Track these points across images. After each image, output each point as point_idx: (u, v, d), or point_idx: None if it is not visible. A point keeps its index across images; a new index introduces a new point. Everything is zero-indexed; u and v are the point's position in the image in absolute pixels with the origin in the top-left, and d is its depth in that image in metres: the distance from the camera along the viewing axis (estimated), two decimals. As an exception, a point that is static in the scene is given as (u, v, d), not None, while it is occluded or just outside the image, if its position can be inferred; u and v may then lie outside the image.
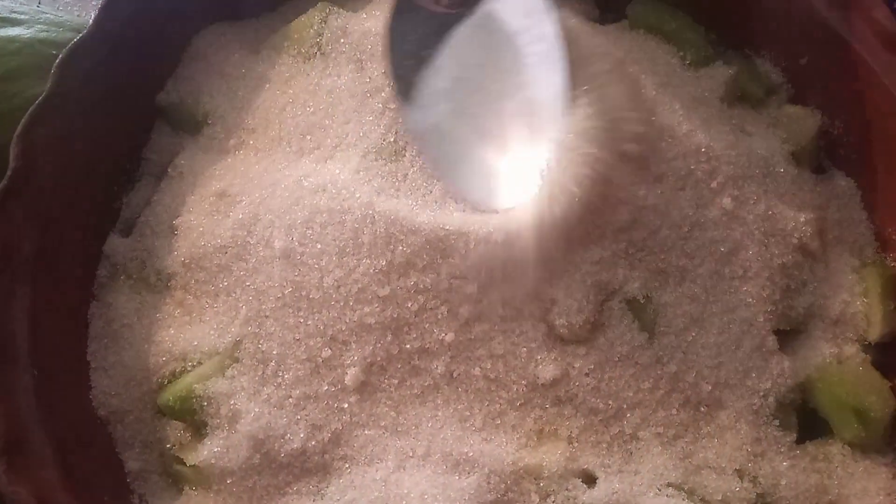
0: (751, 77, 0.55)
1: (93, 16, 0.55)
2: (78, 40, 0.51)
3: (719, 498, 0.43)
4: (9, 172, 0.46)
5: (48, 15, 0.60)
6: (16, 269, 0.45)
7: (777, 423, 0.46)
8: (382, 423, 0.45)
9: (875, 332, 0.49)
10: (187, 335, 0.49)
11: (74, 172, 0.50)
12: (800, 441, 0.47)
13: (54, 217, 0.48)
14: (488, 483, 0.42)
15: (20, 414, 0.42)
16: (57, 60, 0.50)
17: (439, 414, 0.45)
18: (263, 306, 0.47)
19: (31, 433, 0.42)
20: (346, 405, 0.45)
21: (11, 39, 0.56)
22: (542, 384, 0.44)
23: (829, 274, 0.49)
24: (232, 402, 0.45)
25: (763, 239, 0.48)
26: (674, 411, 0.45)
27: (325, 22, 0.56)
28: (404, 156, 0.48)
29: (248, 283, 0.48)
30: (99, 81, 0.52)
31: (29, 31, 0.57)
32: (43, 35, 0.57)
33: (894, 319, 0.49)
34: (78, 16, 0.66)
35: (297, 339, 0.46)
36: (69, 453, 0.43)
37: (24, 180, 0.47)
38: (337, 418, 0.45)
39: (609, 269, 0.45)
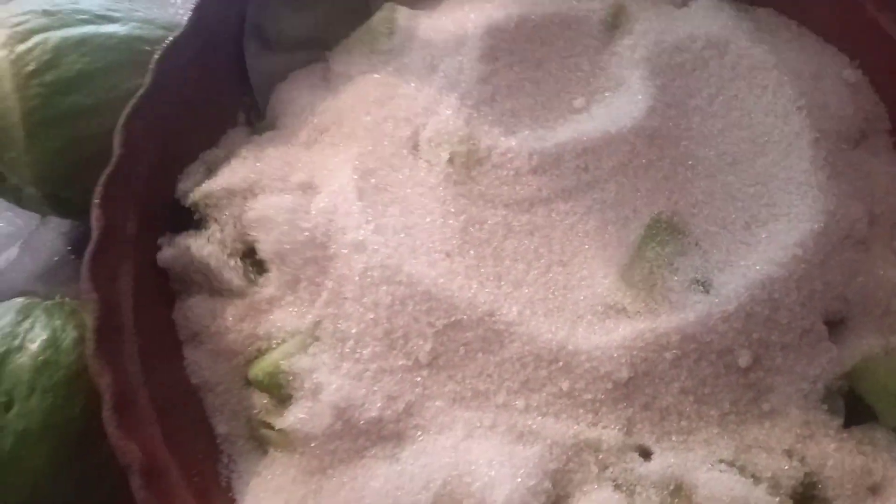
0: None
1: (177, 14, 0.60)
2: (173, 39, 0.56)
3: (769, 475, 0.45)
4: (113, 159, 0.51)
5: (139, 13, 0.64)
6: (120, 247, 0.49)
7: (825, 407, 0.47)
8: (452, 397, 0.48)
9: None
10: (270, 318, 0.52)
11: (167, 161, 0.54)
12: (846, 426, 0.48)
13: (150, 201, 0.52)
14: (551, 453, 0.45)
15: (127, 377, 0.46)
16: (155, 57, 0.55)
17: (504, 389, 0.48)
18: (343, 289, 0.50)
19: (137, 395, 0.46)
20: (418, 379, 0.48)
21: (110, 35, 0.60)
22: (605, 372, 0.47)
23: (876, 266, 0.51)
24: (314, 376, 0.48)
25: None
26: (727, 394, 0.47)
27: (395, 21, 0.60)
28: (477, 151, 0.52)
29: (330, 270, 0.51)
30: (191, 78, 0.56)
31: (124, 27, 0.61)
32: (137, 32, 0.61)
33: None
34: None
35: (374, 319, 0.49)
36: (168, 415, 0.47)
37: (126, 166, 0.51)
38: (410, 390, 0.48)
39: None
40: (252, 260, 0.53)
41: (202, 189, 0.54)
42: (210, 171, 0.55)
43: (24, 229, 0.71)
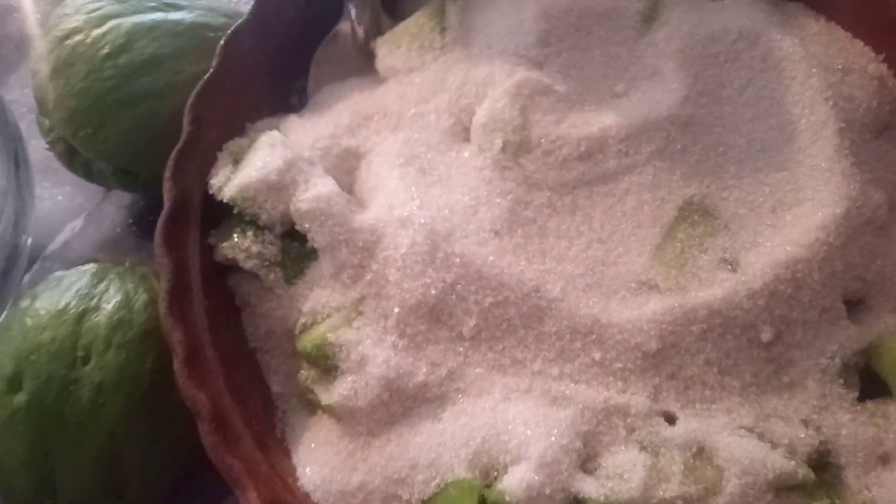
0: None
1: (238, 2, 0.63)
2: (237, 26, 0.60)
3: (786, 442, 0.48)
4: (183, 136, 0.55)
5: (203, 1, 0.67)
6: (189, 216, 0.54)
7: (841, 381, 0.50)
8: (491, 364, 0.51)
9: None
10: (315, 294, 0.54)
11: (230, 138, 0.58)
12: (861, 399, 0.51)
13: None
14: (582, 416, 0.49)
15: (196, 334, 0.50)
16: (221, 42, 0.59)
17: (540, 358, 0.52)
18: (387, 270, 0.52)
19: (205, 350, 0.50)
20: (460, 349, 0.52)
21: (177, 22, 0.64)
22: (635, 343, 0.50)
23: (895, 250, 0.53)
24: (360, 348, 0.51)
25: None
26: (749, 366, 0.51)
27: (444, 16, 0.63)
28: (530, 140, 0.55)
29: (377, 252, 0.53)
30: (251, 62, 0.60)
31: (190, 15, 0.65)
32: (201, 19, 0.65)
33: None
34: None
35: (420, 296, 0.51)
36: (231, 371, 0.51)
37: (194, 143, 0.55)
38: (453, 359, 0.51)
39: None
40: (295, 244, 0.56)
41: (235, 183, 0.54)
42: (236, 162, 0.57)
43: (86, 203, 0.76)
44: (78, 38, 0.62)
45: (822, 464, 0.49)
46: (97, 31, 0.62)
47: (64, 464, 0.52)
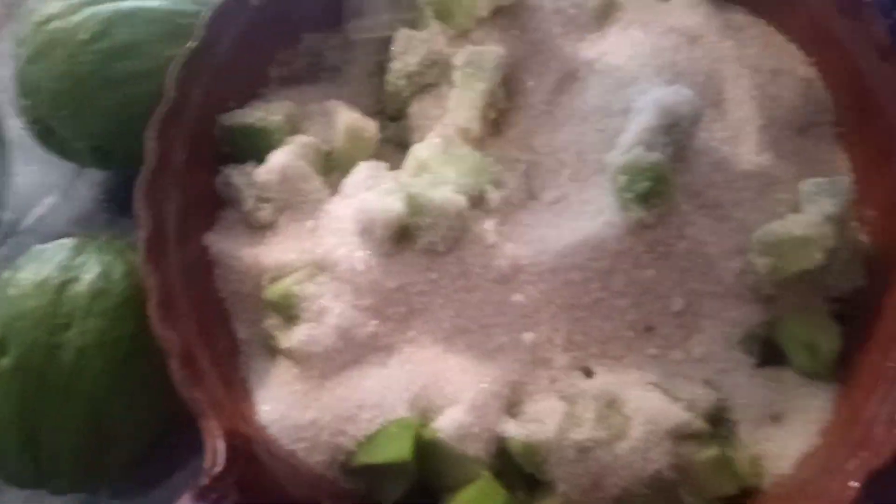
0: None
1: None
2: (220, 2, 0.63)
3: (687, 397, 0.53)
4: (168, 100, 0.58)
5: (176, -12, 0.71)
6: (169, 174, 0.58)
7: (742, 348, 0.56)
8: (437, 322, 0.57)
9: (837, 288, 0.58)
10: (281, 253, 0.60)
11: (211, 105, 0.62)
12: (760, 365, 0.57)
13: (196, 138, 0.61)
14: (511, 367, 0.55)
15: (170, 280, 0.55)
16: (207, 14, 0.62)
17: (480, 316, 0.57)
18: (338, 240, 0.58)
19: (177, 297, 0.55)
20: (407, 310, 0.57)
21: (153, 10, 0.67)
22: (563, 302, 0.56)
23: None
24: (320, 301, 0.57)
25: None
26: (662, 331, 0.56)
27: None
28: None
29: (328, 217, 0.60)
30: (233, 34, 0.63)
31: (165, 2, 0.68)
32: (175, 6, 0.68)
33: (854, 278, 0.58)
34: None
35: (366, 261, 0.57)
36: (201, 316, 0.56)
37: (176, 107, 0.59)
38: (403, 314, 0.57)
39: None
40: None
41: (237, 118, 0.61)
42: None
43: (59, 179, 0.79)
44: (57, 23, 0.65)
45: (719, 419, 0.55)
46: (76, 18, 0.65)
47: (48, 423, 0.56)
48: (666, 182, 0.53)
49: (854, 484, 0.47)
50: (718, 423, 0.55)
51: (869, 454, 0.49)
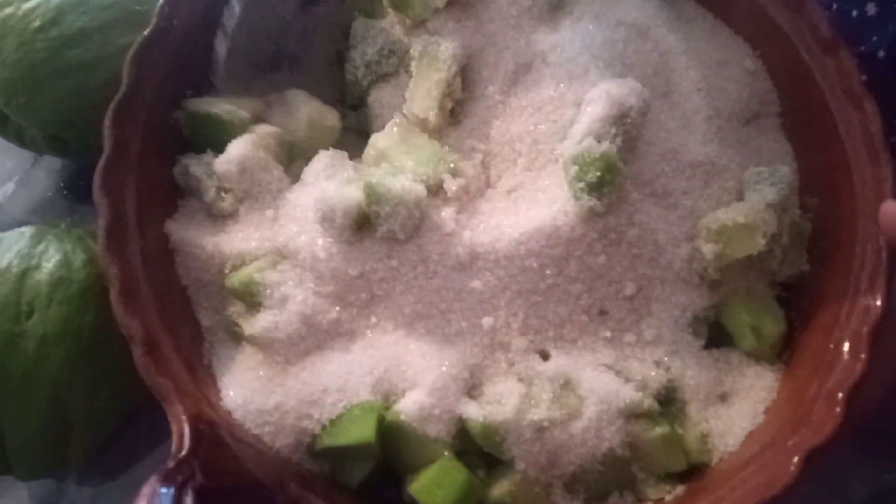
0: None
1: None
2: None
3: (639, 378, 0.56)
4: (122, 88, 0.58)
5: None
6: (127, 162, 0.58)
7: (691, 331, 0.58)
8: (398, 308, 0.58)
9: (781, 273, 0.61)
10: (243, 242, 0.61)
11: (167, 91, 0.62)
12: (707, 347, 0.59)
13: (153, 126, 0.61)
14: (471, 351, 0.56)
15: (131, 270, 0.55)
16: (160, 1, 0.62)
17: (441, 302, 0.58)
18: (299, 228, 0.59)
19: (139, 285, 0.55)
20: (366, 295, 0.58)
21: None
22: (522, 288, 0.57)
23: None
24: (282, 288, 0.58)
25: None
26: (615, 314, 0.58)
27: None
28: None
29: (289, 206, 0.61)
30: (187, 23, 0.63)
31: None
32: None
33: (797, 263, 0.61)
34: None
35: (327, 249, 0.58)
36: (163, 304, 0.56)
37: (133, 95, 0.59)
38: (362, 299, 0.58)
39: None
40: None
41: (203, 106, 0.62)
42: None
43: (18, 167, 0.79)
44: (8, 10, 0.65)
45: (670, 399, 0.57)
46: (27, 5, 0.65)
47: (11, 411, 0.56)
48: (616, 171, 0.55)
49: (795, 460, 0.50)
50: (669, 402, 0.57)
51: (810, 432, 0.52)
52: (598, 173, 0.54)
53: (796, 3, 0.63)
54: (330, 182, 0.59)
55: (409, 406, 0.54)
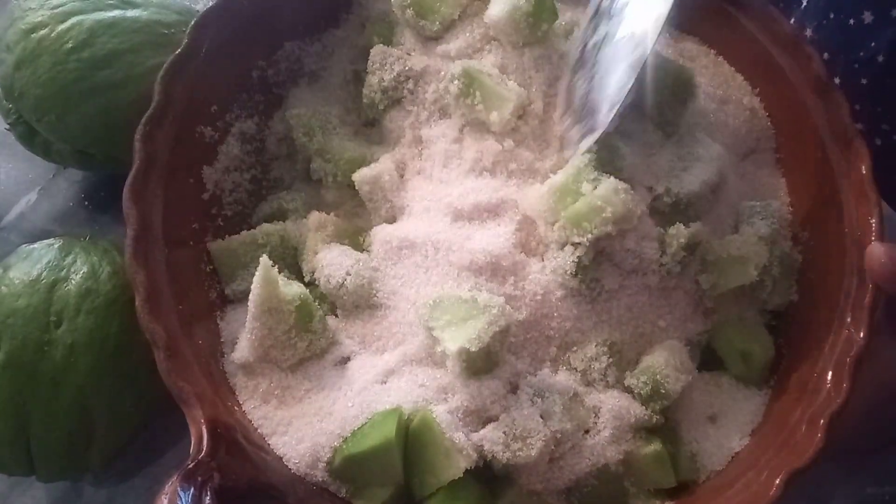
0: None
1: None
2: (207, 8, 0.66)
3: (639, 392, 0.59)
4: (154, 105, 0.61)
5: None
6: (155, 175, 0.60)
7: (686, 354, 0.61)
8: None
9: (771, 302, 0.64)
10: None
11: (195, 108, 0.65)
12: (699, 370, 0.62)
13: (181, 140, 0.63)
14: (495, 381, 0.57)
15: (156, 277, 0.57)
16: (192, 21, 0.64)
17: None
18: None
19: (163, 291, 0.58)
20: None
21: (135, 20, 0.70)
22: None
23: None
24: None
25: None
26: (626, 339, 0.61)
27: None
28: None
29: None
30: (215, 42, 0.65)
31: (146, 12, 0.71)
32: (156, 16, 0.71)
33: (786, 293, 0.64)
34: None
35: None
36: (185, 314, 0.59)
37: (162, 111, 0.61)
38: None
39: None
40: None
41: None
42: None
43: (41, 177, 0.81)
44: (43, 32, 0.68)
45: (666, 417, 0.60)
46: (61, 27, 0.68)
47: (39, 414, 0.59)
48: None
49: (777, 481, 0.52)
50: (666, 421, 0.60)
51: (792, 455, 0.54)
52: None
53: (794, 46, 0.66)
54: None
55: (439, 410, 0.55)
